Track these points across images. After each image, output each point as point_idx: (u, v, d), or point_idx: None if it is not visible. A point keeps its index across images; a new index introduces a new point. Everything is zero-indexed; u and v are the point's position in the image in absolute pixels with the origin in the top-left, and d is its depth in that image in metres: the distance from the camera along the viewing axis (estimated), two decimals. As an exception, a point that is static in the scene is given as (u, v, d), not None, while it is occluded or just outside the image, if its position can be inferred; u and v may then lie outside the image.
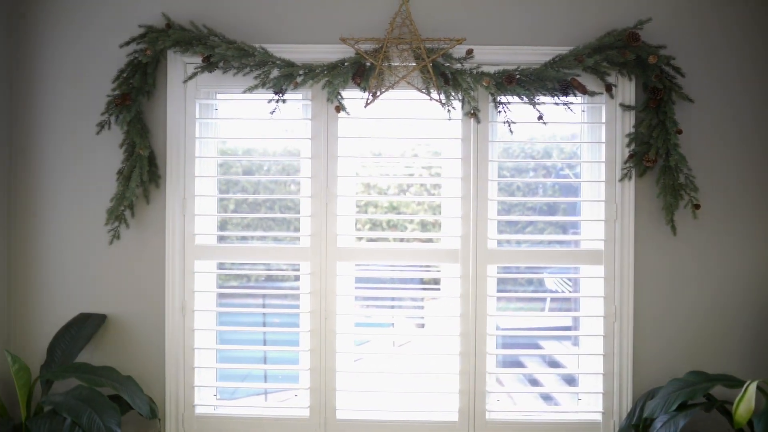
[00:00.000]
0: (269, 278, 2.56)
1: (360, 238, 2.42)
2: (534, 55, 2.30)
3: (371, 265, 2.45)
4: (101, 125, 2.30)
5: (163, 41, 2.24)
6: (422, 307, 2.71)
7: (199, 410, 2.37)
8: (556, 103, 2.25)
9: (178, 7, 2.35)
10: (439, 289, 2.49)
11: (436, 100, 2.24)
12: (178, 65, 2.33)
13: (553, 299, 2.60)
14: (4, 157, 2.35)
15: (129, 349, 2.38)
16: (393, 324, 2.87)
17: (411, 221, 2.48)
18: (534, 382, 2.72)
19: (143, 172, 2.25)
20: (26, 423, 2.05)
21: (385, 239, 2.44)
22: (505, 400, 2.52)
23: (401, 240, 2.44)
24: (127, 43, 2.28)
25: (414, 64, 2.23)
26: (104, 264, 2.38)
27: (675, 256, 2.32)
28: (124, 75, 2.28)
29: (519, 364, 2.65)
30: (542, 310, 2.74)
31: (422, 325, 2.92)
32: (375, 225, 2.48)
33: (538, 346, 3.12)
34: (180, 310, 2.34)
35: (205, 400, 2.40)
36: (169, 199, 2.33)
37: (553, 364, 3.05)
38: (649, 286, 2.32)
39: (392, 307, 2.74)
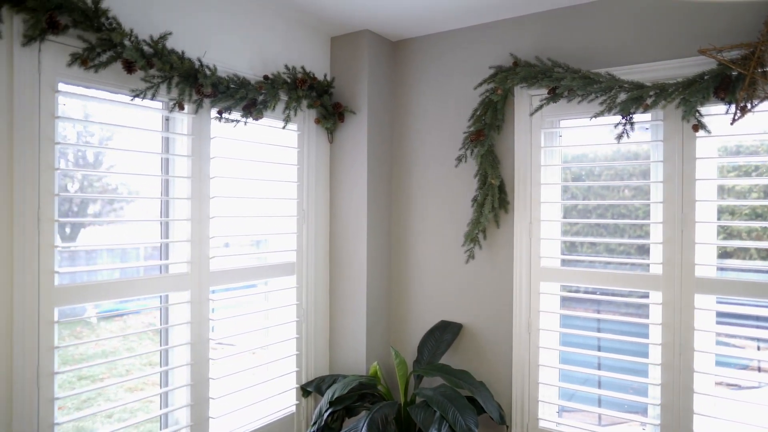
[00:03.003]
0: (602, 301, 2.51)
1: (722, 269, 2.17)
2: None
3: (732, 299, 2.17)
4: (459, 159, 2.65)
5: (512, 79, 2.44)
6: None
7: (542, 424, 2.49)
8: None
9: (523, 44, 2.53)
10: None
11: (834, 108, 1.85)
12: (525, 99, 2.50)
13: None
14: (386, 186, 2.92)
15: (480, 357, 2.66)
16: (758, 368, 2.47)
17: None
18: None
19: (494, 200, 2.50)
20: (406, 408, 2.50)
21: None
22: None
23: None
24: (480, 84, 2.56)
25: (800, 68, 1.89)
26: (460, 280, 2.72)
27: None
28: (478, 113, 2.58)
29: None
30: None
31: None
32: (742, 253, 2.19)
33: None
34: (526, 327, 2.50)
35: (548, 415, 2.51)
36: (517, 223, 2.52)
37: None
38: None
39: (759, 348, 2.37)
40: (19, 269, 1.70)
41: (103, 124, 1.98)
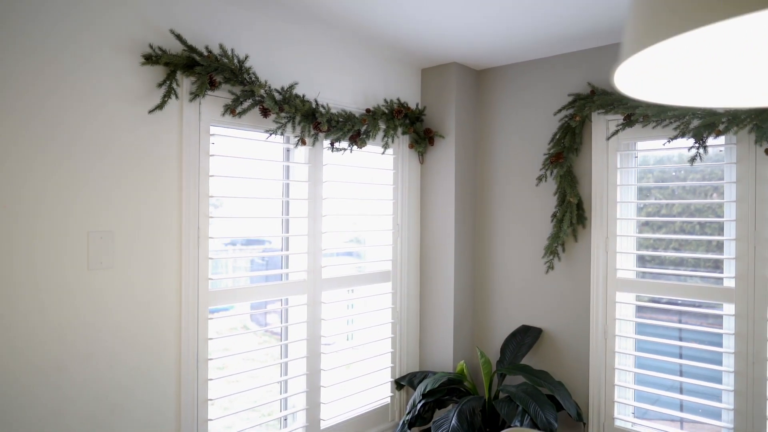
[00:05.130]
0: (676, 311, 2.67)
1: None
2: None
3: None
4: (539, 178, 2.90)
5: (589, 107, 2.68)
6: None
7: (618, 423, 2.70)
8: None
9: (600, 73, 2.75)
10: None
11: None
12: (602, 123, 2.73)
13: None
14: (471, 202, 3.22)
15: (559, 360, 2.90)
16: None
17: None
18: None
19: (573, 216, 2.74)
20: (490, 402, 2.80)
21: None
22: None
23: None
24: (559, 111, 2.81)
25: None
26: (540, 288, 2.98)
27: None
28: (557, 137, 2.82)
29: None
30: None
31: None
32: (816, 269, 2.30)
33: None
34: (602, 333, 2.72)
35: (624, 416, 2.71)
36: (594, 238, 2.74)
37: None
38: None
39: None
40: (185, 276, 2.16)
41: (242, 158, 2.42)
